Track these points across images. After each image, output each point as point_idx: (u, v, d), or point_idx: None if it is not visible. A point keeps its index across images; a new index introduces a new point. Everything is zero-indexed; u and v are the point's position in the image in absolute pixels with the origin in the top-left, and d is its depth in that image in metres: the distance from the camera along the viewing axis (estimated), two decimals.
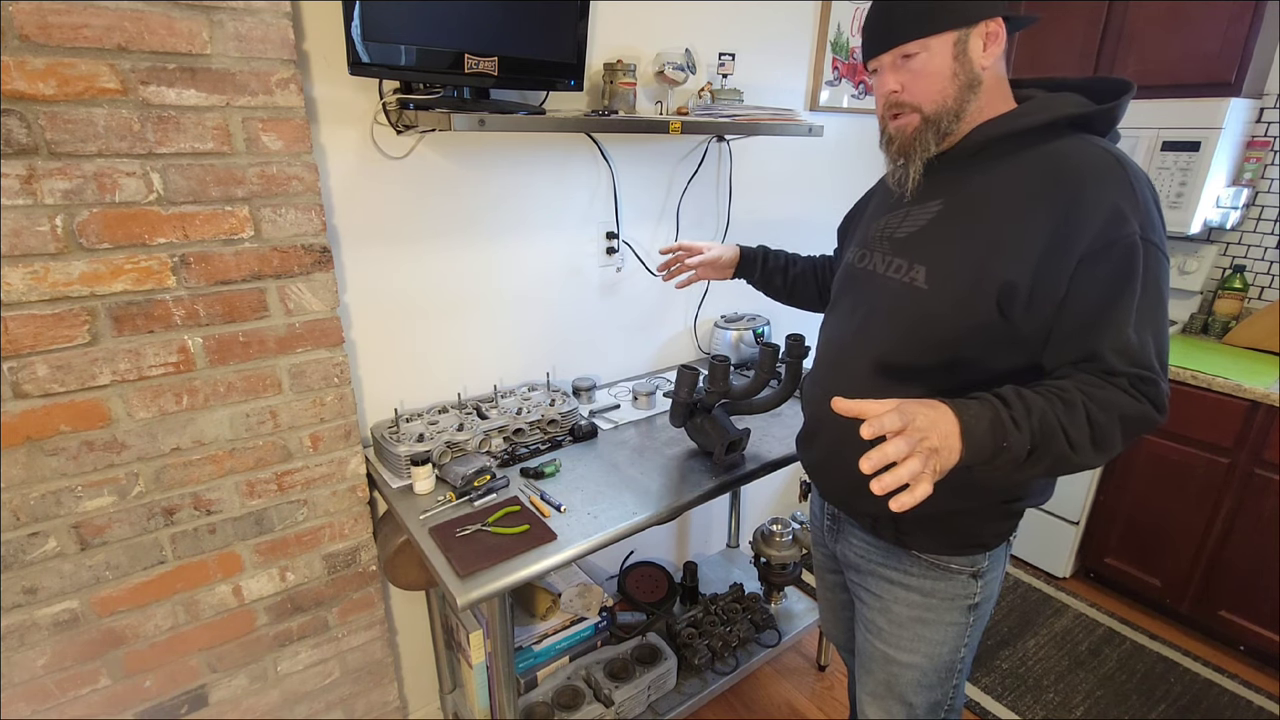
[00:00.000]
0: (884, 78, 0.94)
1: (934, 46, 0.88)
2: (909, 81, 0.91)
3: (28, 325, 1.01)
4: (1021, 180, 0.88)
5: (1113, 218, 0.81)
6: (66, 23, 0.93)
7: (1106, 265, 0.81)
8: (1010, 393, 0.79)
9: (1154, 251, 0.82)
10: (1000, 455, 0.76)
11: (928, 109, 0.91)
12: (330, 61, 1.22)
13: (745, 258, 1.41)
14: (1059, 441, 0.77)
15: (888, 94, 0.94)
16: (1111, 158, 0.84)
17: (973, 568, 1.03)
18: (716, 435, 1.38)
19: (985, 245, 0.88)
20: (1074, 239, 0.82)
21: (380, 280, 1.41)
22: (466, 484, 1.27)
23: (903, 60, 0.91)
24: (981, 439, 0.75)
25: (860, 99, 2.17)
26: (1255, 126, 2.18)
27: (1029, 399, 0.78)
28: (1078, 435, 0.78)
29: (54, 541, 1.12)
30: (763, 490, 2.51)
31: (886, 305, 0.99)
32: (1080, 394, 0.79)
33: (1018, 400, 0.78)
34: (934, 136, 0.92)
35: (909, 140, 0.94)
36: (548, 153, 1.57)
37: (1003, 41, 0.90)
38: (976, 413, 0.75)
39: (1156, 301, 0.83)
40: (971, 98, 0.90)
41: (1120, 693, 1.95)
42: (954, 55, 0.88)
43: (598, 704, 1.61)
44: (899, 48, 0.90)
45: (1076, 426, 0.78)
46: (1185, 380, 2.00)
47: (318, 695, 1.49)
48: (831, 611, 1.38)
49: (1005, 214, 0.87)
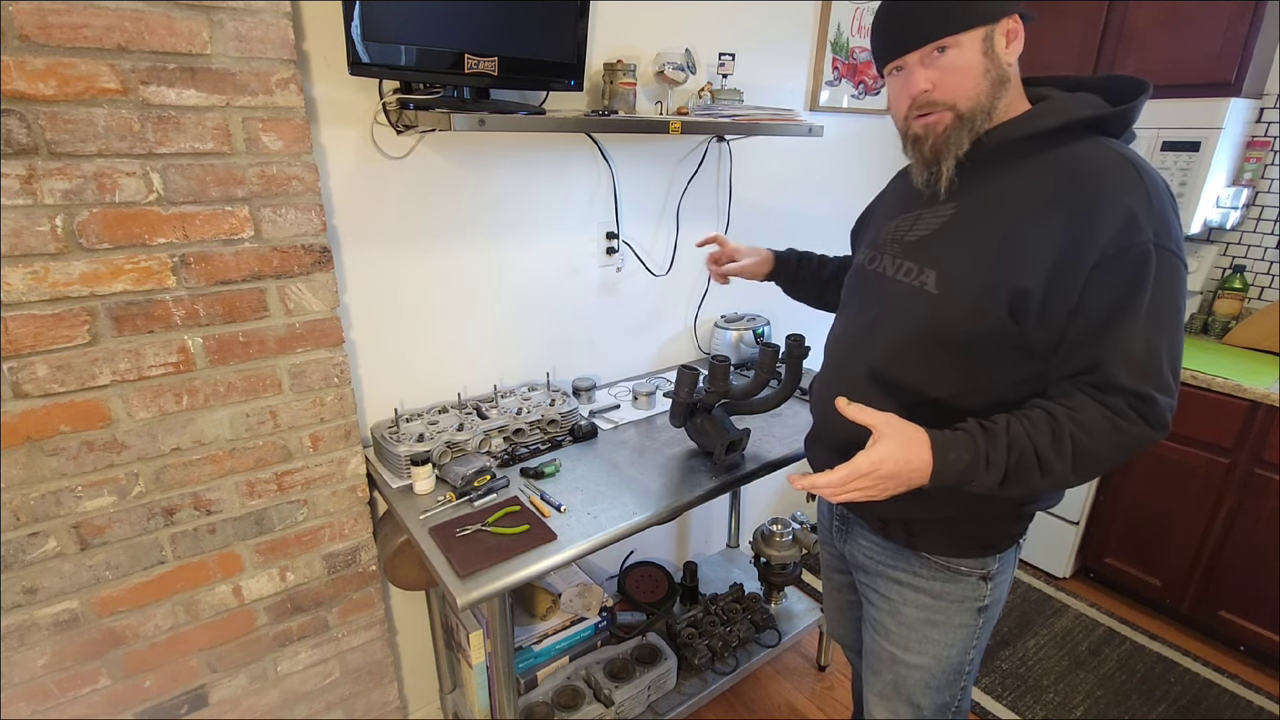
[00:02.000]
0: (913, 76, 0.90)
1: (965, 43, 0.86)
2: (941, 79, 0.88)
3: (28, 325, 1.01)
4: (1035, 185, 0.86)
5: (1126, 224, 0.79)
6: (66, 23, 0.93)
7: (1118, 272, 0.80)
8: (1000, 429, 0.83)
9: (1169, 258, 0.80)
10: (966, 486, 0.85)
11: (963, 106, 0.88)
12: (330, 61, 1.22)
13: (779, 263, 1.40)
14: (1033, 475, 0.83)
15: (917, 93, 0.90)
16: (1127, 162, 0.83)
17: (983, 570, 1.03)
18: (716, 435, 1.38)
19: (997, 250, 0.87)
20: (1088, 245, 0.81)
21: (380, 280, 1.41)
22: (466, 484, 1.27)
23: (933, 57, 0.88)
24: (951, 477, 0.84)
25: (860, 99, 2.17)
26: (1255, 126, 2.18)
27: (1014, 436, 0.82)
28: (1059, 467, 0.82)
29: (54, 541, 1.12)
30: (763, 490, 2.51)
31: (896, 308, 0.99)
32: (1070, 424, 0.81)
33: (1003, 436, 0.83)
34: (968, 135, 0.89)
35: (941, 139, 0.90)
36: (548, 153, 1.57)
37: (1022, 39, 0.88)
38: (954, 458, 0.83)
39: (1169, 309, 0.81)
40: (1002, 94, 0.89)
41: (1120, 693, 1.95)
42: (983, 51, 0.87)
43: (598, 704, 1.61)
44: (934, 43, 0.87)
45: (1060, 458, 0.82)
46: (1185, 380, 2.00)
47: (318, 695, 1.49)
48: (839, 612, 1.38)
49: (1018, 219, 0.86)
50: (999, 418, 0.85)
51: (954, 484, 0.84)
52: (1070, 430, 0.81)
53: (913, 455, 0.82)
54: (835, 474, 0.84)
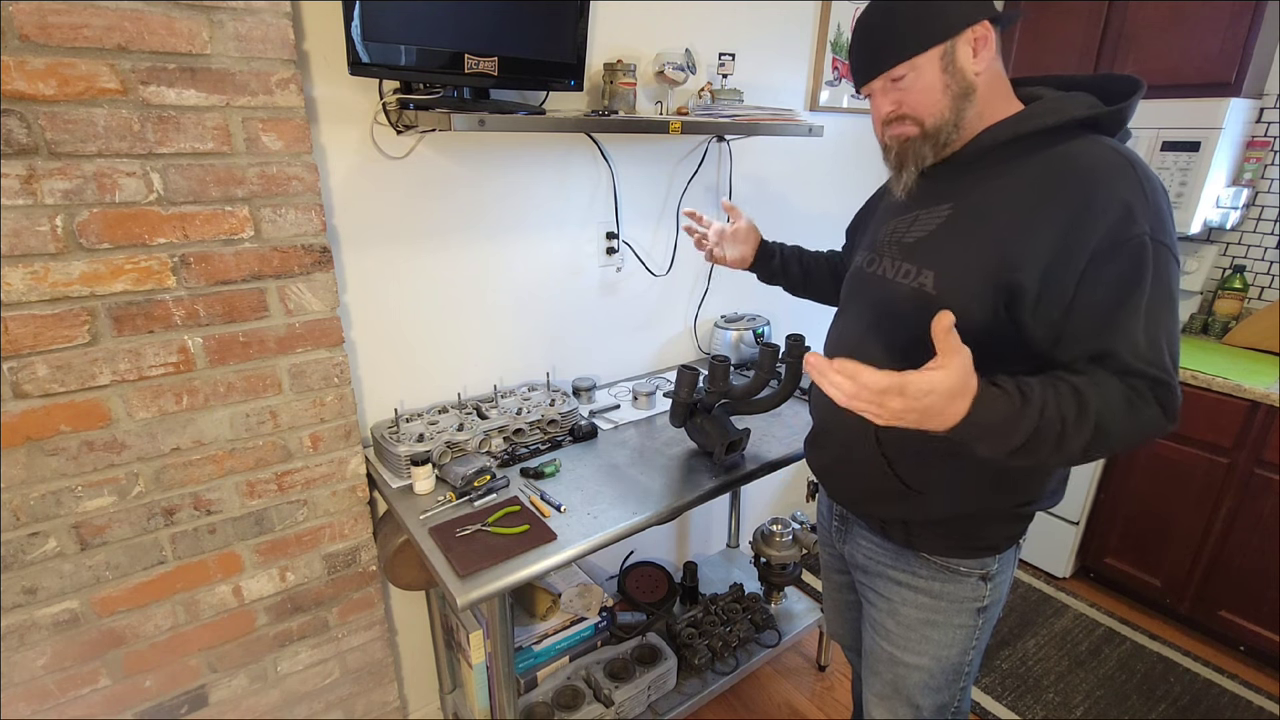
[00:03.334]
0: (877, 101, 0.95)
1: (920, 64, 0.88)
2: (902, 98, 0.92)
3: (28, 325, 1.01)
4: (1031, 183, 0.87)
5: (1122, 218, 0.80)
6: (66, 23, 0.93)
7: (1115, 266, 0.80)
8: (1035, 396, 0.77)
9: (1164, 253, 0.81)
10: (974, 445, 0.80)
11: (928, 122, 0.91)
12: (330, 61, 1.22)
13: (763, 247, 1.41)
14: (1046, 449, 0.79)
15: (885, 115, 0.95)
16: (1122, 158, 0.83)
17: (982, 570, 1.03)
18: (716, 435, 1.38)
19: (994, 248, 0.87)
20: (1083, 240, 0.81)
21: (380, 280, 1.41)
22: (466, 484, 1.27)
23: (892, 83, 0.91)
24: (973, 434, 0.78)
25: (860, 99, 2.17)
26: (1255, 126, 2.18)
27: (1046, 406, 0.77)
28: (1075, 443, 0.78)
29: (54, 541, 1.12)
30: (763, 490, 2.51)
31: (895, 310, 0.99)
32: (1096, 400, 0.78)
33: (1036, 404, 0.77)
34: (931, 148, 0.93)
35: (905, 149, 0.94)
36: (548, 153, 1.57)
37: (992, 44, 0.89)
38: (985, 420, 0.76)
39: (1166, 303, 0.82)
40: (967, 106, 0.90)
41: (1120, 693, 1.95)
42: (942, 69, 0.88)
43: (598, 704, 1.61)
44: (886, 74, 0.91)
45: (1080, 433, 0.78)
46: (1185, 380, 2.00)
47: (318, 695, 1.49)
48: (838, 612, 1.38)
49: (1014, 217, 0.87)
50: (1032, 382, 0.79)
51: (972, 437, 0.78)
52: (1095, 406, 0.78)
53: (958, 403, 0.75)
54: (876, 378, 0.73)
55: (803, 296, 1.44)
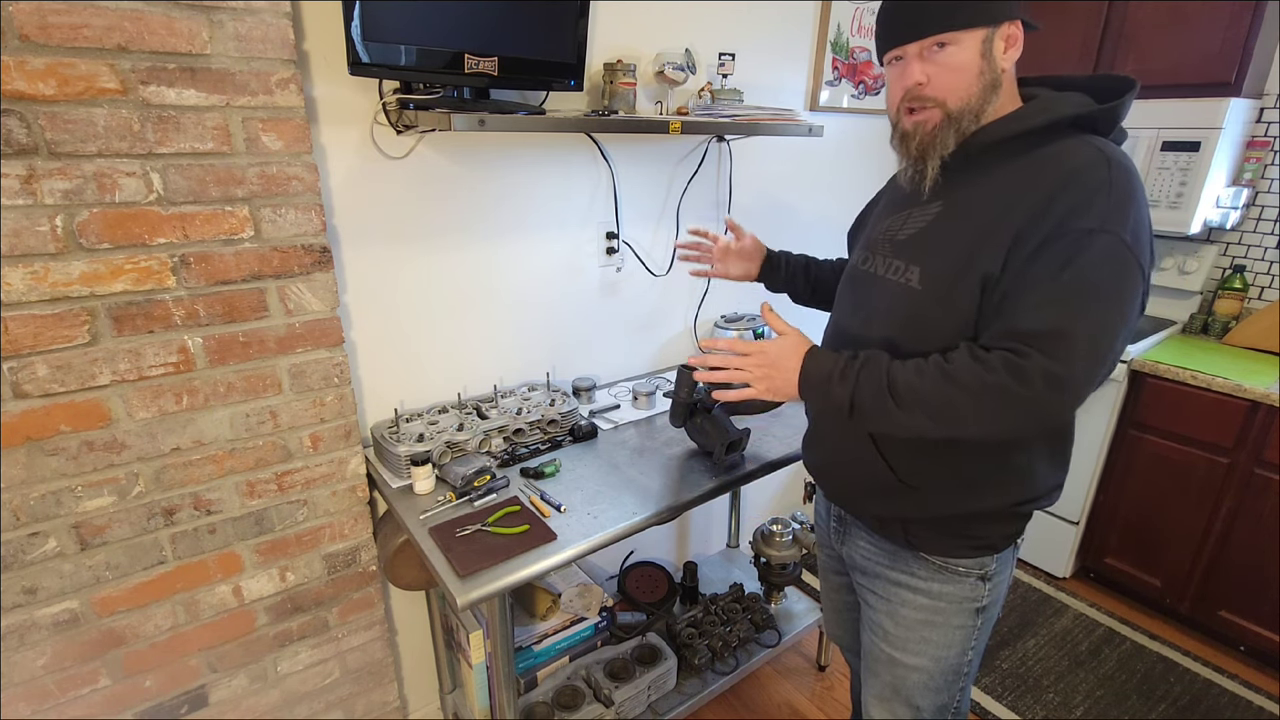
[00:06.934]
0: (909, 68, 0.90)
1: (965, 41, 0.87)
2: (936, 74, 0.89)
3: (28, 325, 1.01)
4: (1017, 181, 0.87)
5: (1077, 209, 0.81)
6: (66, 23, 0.93)
7: (1047, 251, 0.82)
8: (868, 353, 0.92)
9: (1111, 242, 0.80)
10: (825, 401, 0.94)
11: (953, 105, 0.89)
12: (330, 61, 1.22)
13: (769, 258, 1.41)
14: (885, 401, 0.88)
15: (911, 85, 0.90)
16: (1103, 158, 0.83)
17: (980, 570, 1.03)
18: (716, 435, 1.38)
19: (972, 243, 0.88)
20: (1040, 228, 0.82)
21: (380, 280, 1.41)
22: (466, 484, 1.27)
23: (932, 51, 0.88)
24: (813, 384, 0.94)
25: (860, 99, 2.17)
26: (1255, 126, 2.18)
27: (875, 360, 0.90)
28: (910, 398, 0.87)
29: (54, 541, 1.12)
30: (763, 490, 2.51)
31: (885, 306, 0.99)
32: (935, 365, 0.86)
33: (864, 357, 0.91)
34: (954, 135, 0.90)
35: (928, 137, 0.92)
36: (548, 153, 1.57)
37: (1020, 45, 0.89)
38: (816, 368, 0.94)
39: (1093, 289, 0.80)
40: (993, 99, 0.90)
41: (1120, 693, 1.95)
42: (981, 53, 0.88)
43: (598, 704, 1.61)
44: (933, 37, 0.87)
45: (913, 391, 0.86)
46: (1185, 380, 2.00)
47: (318, 695, 1.49)
48: (836, 613, 1.38)
49: (994, 214, 0.87)
50: (873, 351, 0.93)
51: (814, 396, 0.95)
52: (934, 370, 0.86)
53: (793, 359, 0.96)
54: (721, 342, 1.01)
55: (810, 307, 1.43)
